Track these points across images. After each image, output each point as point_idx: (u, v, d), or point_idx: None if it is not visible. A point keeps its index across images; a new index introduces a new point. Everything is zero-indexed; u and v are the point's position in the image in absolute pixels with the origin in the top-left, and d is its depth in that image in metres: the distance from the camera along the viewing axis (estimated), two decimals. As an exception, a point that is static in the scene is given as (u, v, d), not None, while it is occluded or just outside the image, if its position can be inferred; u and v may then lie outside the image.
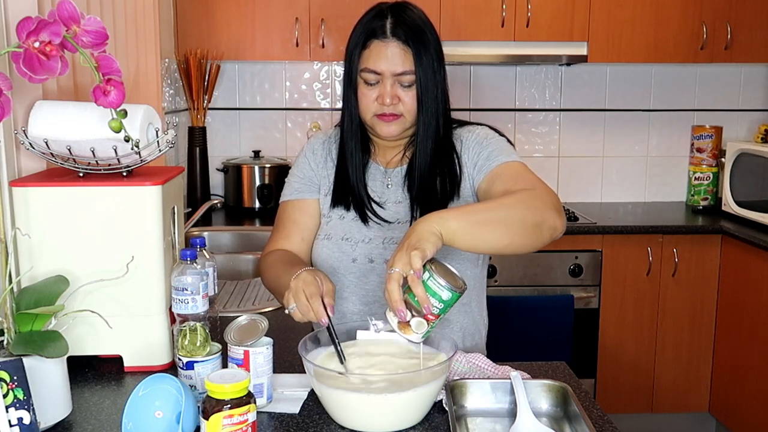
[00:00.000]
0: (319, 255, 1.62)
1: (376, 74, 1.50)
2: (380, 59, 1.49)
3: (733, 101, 3.71)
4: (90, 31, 1.23)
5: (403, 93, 1.51)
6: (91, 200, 1.41)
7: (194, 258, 1.35)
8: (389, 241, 1.57)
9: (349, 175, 1.59)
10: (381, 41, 1.49)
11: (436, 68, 1.52)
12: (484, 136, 1.59)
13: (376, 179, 1.62)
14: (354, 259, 1.58)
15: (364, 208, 1.58)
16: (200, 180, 3.38)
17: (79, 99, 1.71)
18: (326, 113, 3.62)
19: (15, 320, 1.22)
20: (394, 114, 1.52)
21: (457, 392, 1.31)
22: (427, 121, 1.53)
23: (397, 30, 1.49)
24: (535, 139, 3.69)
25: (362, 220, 1.58)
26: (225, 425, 1.05)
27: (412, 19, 1.51)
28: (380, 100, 1.50)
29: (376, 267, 1.58)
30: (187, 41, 3.19)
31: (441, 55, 1.54)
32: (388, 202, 1.60)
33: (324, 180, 1.65)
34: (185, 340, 1.30)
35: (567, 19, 3.22)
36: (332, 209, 1.62)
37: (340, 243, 1.59)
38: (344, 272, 1.60)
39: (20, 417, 1.06)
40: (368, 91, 1.52)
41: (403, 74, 1.49)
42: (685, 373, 3.26)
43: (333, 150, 1.65)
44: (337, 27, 3.17)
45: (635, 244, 3.13)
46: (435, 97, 1.52)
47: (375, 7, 1.55)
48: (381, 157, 1.64)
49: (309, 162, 1.67)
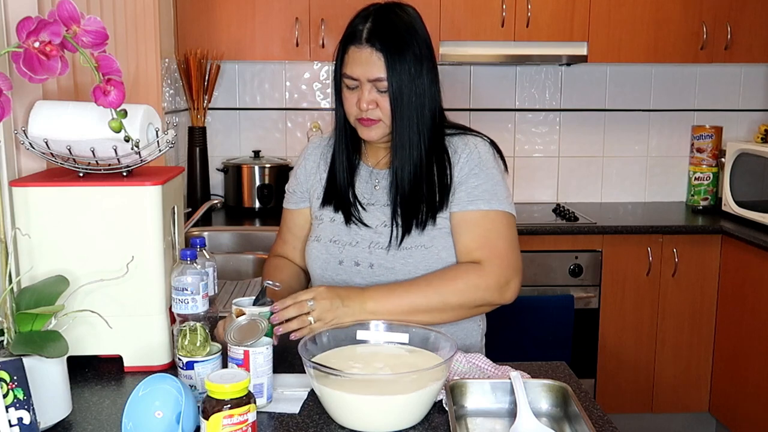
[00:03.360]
0: (309, 256, 1.65)
1: (354, 80, 1.51)
2: (355, 65, 1.50)
3: (733, 101, 3.71)
4: (90, 31, 1.23)
5: (380, 98, 1.50)
6: (91, 200, 1.41)
7: (194, 258, 1.36)
8: (375, 246, 1.57)
9: (336, 176, 1.61)
10: (356, 47, 1.50)
11: (414, 74, 1.49)
12: (478, 161, 1.55)
13: (365, 181, 1.63)
14: (341, 261, 1.59)
15: (349, 210, 1.59)
16: (200, 180, 3.38)
17: (79, 99, 1.71)
18: (326, 113, 3.61)
19: (15, 320, 1.22)
20: (371, 119, 1.52)
21: (457, 392, 1.31)
22: (402, 128, 1.51)
23: (372, 36, 1.48)
24: (535, 139, 3.69)
25: (346, 222, 1.59)
26: (225, 425, 1.05)
27: (393, 24, 1.50)
28: (359, 105, 1.51)
29: (361, 270, 1.58)
30: (187, 41, 3.19)
31: (424, 60, 1.50)
32: (377, 204, 1.60)
33: (317, 184, 1.67)
34: (185, 340, 1.30)
35: (567, 19, 3.22)
36: (322, 210, 1.64)
37: (328, 245, 1.61)
38: (332, 274, 1.61)
39: (20, 417, 1.06)
40: (349, 94, 1.53)
41: (377, 80, 1.49)
42: (685, 373, 3.26)
43: (328, 152, 1.67)
44: (337, 27, 3.15)
45: (635, 244, 3.13)
46: (410, 103, 1.49)
47: (365, 8, 1.55)
48: (372, 157, 1.64)
49: (301, 170, 1.70)
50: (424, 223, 1.54)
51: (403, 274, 1.54)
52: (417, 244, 1.54)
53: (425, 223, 1.54)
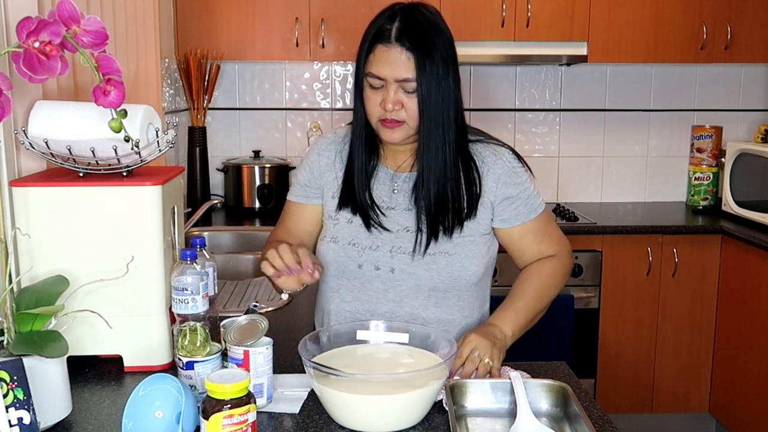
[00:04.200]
0: (325, 257, 1.60)
1: (380, 79, 1.47)
2: (383, 64, 1.46)
3: (733, 101, 3.71)
4: (90, 31, 1.23)
5: (406, 99, 1.47)
6: (91, 200, 1.41)
7: (194, 258, 1.35)
8: (397, 250, 1.55)
9: (354, 178, 1.57)
10: (385, 46, 1.46)
11: (442, 75, 1.47)
12: (514, 174, 1.58)
13: (383, 184, 1.59)
14: (360, 264, 1.57)
15: (368, 214, 1.56)
16: (200, 180, 3.38)
17: (79, 99, 1.71)
18: (326, 113, 3.62)
19: (15, 320, 1.22)
20: (396, 120, 1.49)
21: (457, 392, 1.31)
22: (429, 130, 1.49)
23: (402, 35, 1.45)
24: (535, 139, 3.69)
25: (366, 227, 1.57)
26: (225, 425, 1.05)
27: (421, 24, 1.47)
28: (383, 105, 1.48)
29: (381, 274, 1.56)
30: (187, 41, 3.19)
31: (451, 61, 1.49)
32: (397, 208, 1.57)
33: (332, 183, 1.62)
34: (185, 340, 1.30)
35: (567, 19, 3.22)
36: (339, 211, 1.60)
37: (346, 247, 1.57)
38: (349, 277, 1.58)
39: (20, 417, 1.06)
40: (373, 95, 1.49)
41: (405, 81, 1.46)
42: (685, 373, 3.26)
43: (344, 150, 1.62)
44: (337, 27, 3.17)
45: (635, 244, 3.13)
46: (437, 105, 1.47)
47: (389, 7, 1.51)
48: (390, 160, 1.61)
49: (316, 164, 1.65)
50: (452, 229, 1.53)
51: (425, 280, 1.54)
52: (441, 251, 1.53)
53: (452, 230, 1.53)
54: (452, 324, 1.59)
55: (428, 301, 1.56)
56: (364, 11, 3.15)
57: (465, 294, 1.59)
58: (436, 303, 1.57)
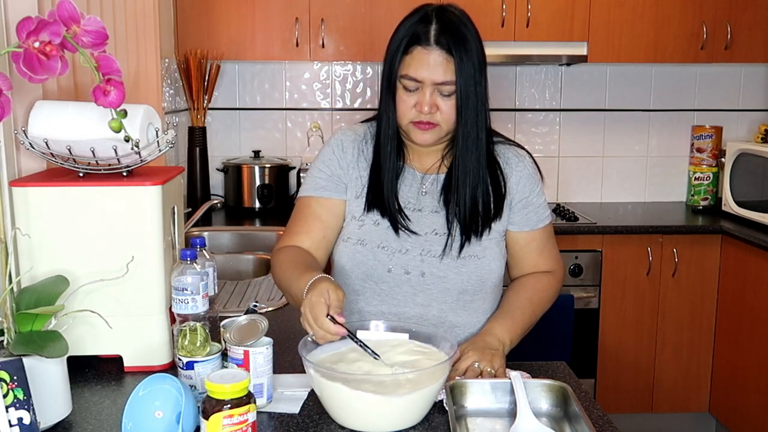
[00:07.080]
0: (351, 259, 1.56)
1: (416, 82, 1.45)
2: (422, 67, 1.44)
3: (733, 101, 3.71)
4: (90, 31, 1.23)
5: (441, 102, 1.46)
6: (91, 200, 1.41)
7: (194, 258, 1.36)
8: (427, 254, 1.53)
9: (383, 181, 1.54)
10: (424, 48, 1.44)
11: (478, 78, 1.47)
12: (532, 178, 1.60)
13: (411, 186, 1.58)
14: (389, 269, 1.54)
15: (396, 217, 1.54)
16: (200, 180, 3.38)
17: (79, 99, 1.71)
18: (326, 113, 3.62)
19: (15, 320, 1.22)
20: (431, 122, 1.48)
21: (457, 392, 1.31)
22: (466, 133, 1.49)
23: (441, 38, 1.43)
24: (535, 139, 3.69)
25: (394, 230, 1.54)
26: (225, 425, 1.05)
27: (456, 26, 1.45)
28: (418, 108, 1.46)
29: (411, 279, 1.54)
30: (187, 41, 3.19)
31: (483, 62, 1.48)
32: (424, 210, 1.56)
33: (355, 181, 1.58)
34: (185, 340, 1.30)
35: (567, 19, 3.22)
36: (366, 213, 1.56)
37: (376, 251, 1.54)
38: (377, 280, 1.55)
39: (20, 417, 1.06)
40: (407, 97, 1.48)
41: (443, 84, 1.44)
42: (685, 373, 3.25)
43: (366, 150, 1.59)
44: (337, 27, 3.17)
45: (635, 244, 3.13)
46: (475, 108, 1.48)
47: (419, 9, 1.49)
48: (417, 162, 1.59)
49: (338, 160, 1.59)
50: (482, 231, 1.53)
51: (455, 284, 1.53)
52: (470, 254, 1.53)
53: (482, 232, 1.53)
54: (476, 327, 1.58)
55: (456, 304, 1.56)
56: (364, 11, 3.16)
57: (489, 296, 1.60)
58: (464, 306, 1.56)
